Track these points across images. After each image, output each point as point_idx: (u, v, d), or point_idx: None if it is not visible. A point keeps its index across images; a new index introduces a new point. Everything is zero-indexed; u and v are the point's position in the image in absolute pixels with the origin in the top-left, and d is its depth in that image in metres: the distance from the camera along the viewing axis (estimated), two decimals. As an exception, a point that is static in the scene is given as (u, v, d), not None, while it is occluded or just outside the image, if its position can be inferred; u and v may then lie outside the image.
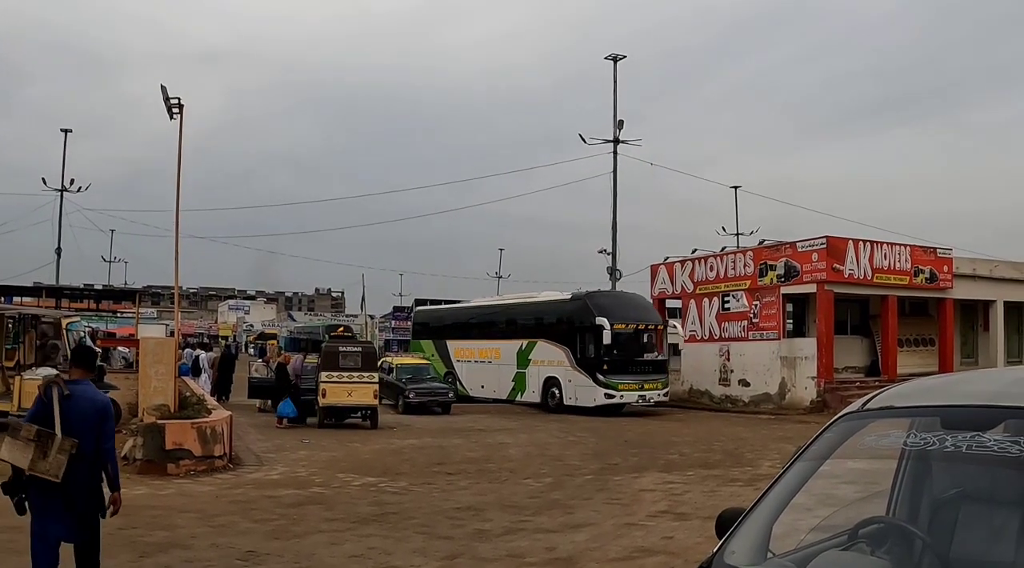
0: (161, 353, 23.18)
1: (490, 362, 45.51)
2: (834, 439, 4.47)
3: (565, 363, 40.63)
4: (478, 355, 46.68)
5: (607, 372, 38.91)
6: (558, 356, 41.02)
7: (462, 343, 48.16)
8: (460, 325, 49.88)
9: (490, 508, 16.15)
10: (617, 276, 54.84)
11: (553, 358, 41.29)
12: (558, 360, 40.99)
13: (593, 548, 12.97)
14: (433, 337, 50.83)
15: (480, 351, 46.56)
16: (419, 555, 12.41)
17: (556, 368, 41.12)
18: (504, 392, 44.10)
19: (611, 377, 38.87)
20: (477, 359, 46.66)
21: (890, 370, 41.64)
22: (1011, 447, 3.74)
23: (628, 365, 39.38)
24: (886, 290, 42.30)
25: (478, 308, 52.01)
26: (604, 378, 38.89)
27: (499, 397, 43.94)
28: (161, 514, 14.76)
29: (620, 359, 39.11)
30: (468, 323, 49.48)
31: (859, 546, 4.24)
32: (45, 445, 8.48)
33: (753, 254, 44.60)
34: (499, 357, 44.89)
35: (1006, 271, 48.16)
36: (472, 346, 47.34)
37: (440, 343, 49.63)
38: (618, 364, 39.06)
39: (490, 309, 50.38)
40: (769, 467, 20.99)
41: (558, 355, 41.03)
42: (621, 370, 39.13)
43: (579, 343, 40.37)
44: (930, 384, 4.74)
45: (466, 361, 47.21)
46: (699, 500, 17.13)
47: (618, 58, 56.30)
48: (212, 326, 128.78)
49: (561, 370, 40.89)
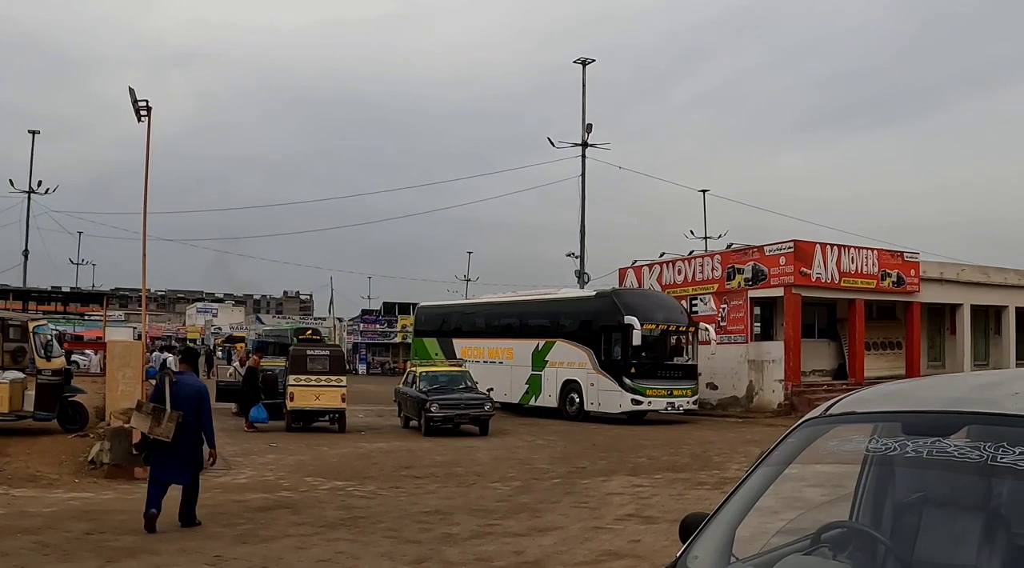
0: (128, 356, 23.08)
1: (501, 363, 42.25)
2: (796, 445, 4.50)
3: (587, 365, 37.77)
4: (487, 355, 43.13)
5: (635, 376, 36.25)
6: (579, 357, 38.25)
7: (470, 342, 44.24)
8: (468, 322, 46.39)
9: (458, 512, 16.15)
10: (585, 280, 54.73)
11: (574, 359, 38.45)
12: (579, 362, 38.18)
13: (560, 552, 12.99)
14: (438, 335, 47.17)
15: (490, 351, 43.22)
16: (387, 559, 12.41)
17: (577, 370, 38.22)
18: (516, 395, 41.08)
19: (639, 382, 36.20)
20: (486, 359, 42.81)
21: (857, 373, 41.93)
22: (971, 453, 3.78)
23: (657, 369, 36.86)
24: (853, 294, 42.57)
25: (489, 305, 47.88)
26: (632, 382, 36.19)
27: (510, 401, 40.76)
28: (129, 519, 14.69)
29: (649, 362, 36.70)
30: (477, 320, 45.93)
31: (821, 550, 4.27)
32: (159, 416, 13.76)
33: (721, 258, 44.77)
34: (512, 358, 41.80)
35: (973, 275, 48.51)
36: (481, 345, 43.73)
37: (445, 341, 46.05)
38: (647, 368, 36.52)
39: (503, 306, 46.31)
40: (736, 470, 21.05)
41: (579, 356, 38.26)
42: (650, 374, 36.51)
43: (604, 344, 37.58)
44: (892, 390, 4.78)
45: (474, 361, 41.57)
46: (667, 503, 17.18)
47: (587, 62, 56.34)
48: (180, 329, 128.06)
49: (582, 373, 37.98)
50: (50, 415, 24.82)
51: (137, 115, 23.99)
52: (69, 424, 24.83)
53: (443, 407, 30.55)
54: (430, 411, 30.48)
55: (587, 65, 56.42)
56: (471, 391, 32.32)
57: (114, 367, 22.84)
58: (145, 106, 23.89)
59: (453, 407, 30.74)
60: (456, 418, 30.70)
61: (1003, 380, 4.45)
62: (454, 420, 30.64)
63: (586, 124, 56.02)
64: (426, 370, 34.28)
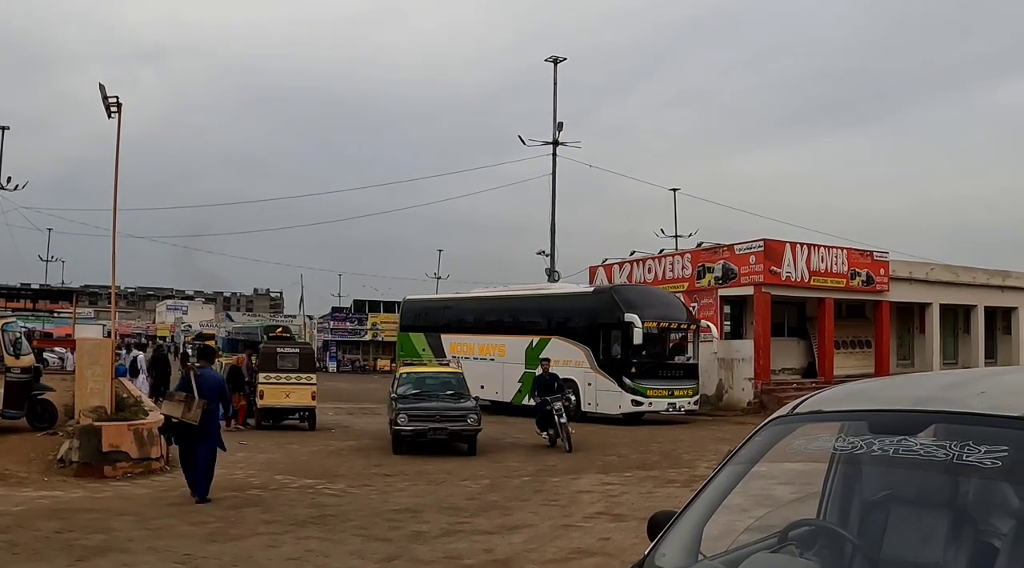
0: (98, 354, 22.98)
1: (492, 360, 40.17)
2: (764, 443, 4.51)
3: (585, 364, 36.15)
4: (478, 351, 41.18)
5: (635, 376, 34.93)
6: (576, 356, 36.48)
7: (459, 337, 42.58)
8: (458, 317, 44.27)
9: (428, 510, 16.16)
10: (555, 278, 54.73)
11: (570, 358, 36.28)
12: (576, 360, 36.35)
13: (530, 549, 13.02)
14: (425, 330, 45.17)
15: (481, 347, 41.33)
16: (357, 557, 12.41)
17: (574, 369, 35.95)
18: (508, 394, 39.26)
19: (640, 382, 34.90)
20: (477, 356, 40.75)
21: (827, 372, 42.09)
22: (937, 451, 3.80)
23: (658, 368, 35.62)
24: (823, 292, 42.76)
25: (480, 299, 46.10)
26: (632, 382, 34.87)
27: (502, 399, 38.99)
28: (98, 517, 14.66)
29: (650, 362, 35.34)
30: (468, 315, 44.01)
31: (789, 548, 4.29)
32: (190, 403, 16.40)
33: (691, 256, 44.92)
34: (504, 355, 39.90)
35: (942, 274, 48.79)
36: (471, 341, 42.00)
37: (433, 336, 44.09)
38: (647, 367, 35.19)
39: (495, 301, 44.60)
40: (706, 468, 21.09)
41: (576, 355, 36.51)
42: (651, 374, 35.23)
43: (602, 342, 36.12)
44: (859, 388, 4.80)
45: (464, 358, 39.30)
46: (636, 501, 17.23)
47: (558, 60, 56.53)
48: (150, 326, 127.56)
49: (579, 372, 36.13)
50: (19, 413, 24.66)
51: (107, 112, 23.89)
52: (38, 422, 24.66)
53: (413, 419, 24.63)
54: (396, 423, 24.76)
55: (558, 63, 56.60)
56: (458, 399, 26.19)
57: (83, 365, 22.71)
58: (115, 103, 23.79)
59: (426, 418, 24.72)
60: (429, 433, 24.57)
61: (969, 379, 4.47)
62: (427, 435, 24.60)
63: (557, 122, 56.22)
64: (408, 371, 29.38)
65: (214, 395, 16.97)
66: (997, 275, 51.75)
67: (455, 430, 24.94)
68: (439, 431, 24.68)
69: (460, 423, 24.95)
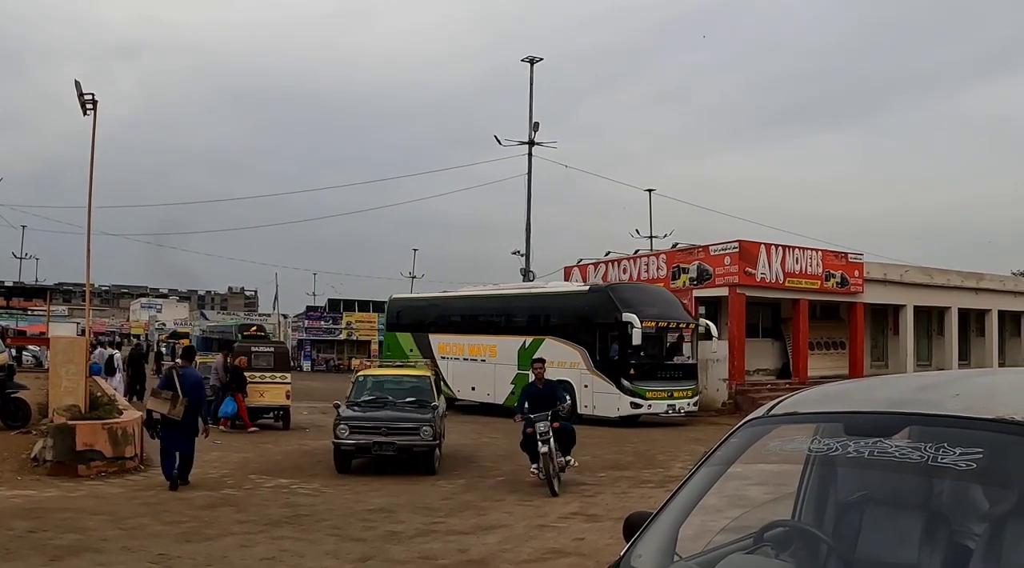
0: (72, 352, 22.89)
1: (483, 361, 39.16)
2: (739, 444, 4.54)
3: (580, 365, 34.93)
4: (468, 352, 40.17)
5: (634, 377, 33.75)
6: (571, 357, 35.14)
7: (448, 338, 41.56)
8: (447, 317, 42.94)
9: (402, 510, 16.16)
10: (530, 277, 54.69)
11: (565, 359, 34.67)
12: (571, 361, 34.95)
13: (505, 549, 13.03)
14: (413, 330, 43.82)
15: (471, 347, 40.08)
16: (331, 557, 12.41)
17: (569, 371, 34.28)
18: (501, 396, 37.86)
19: (638, 383, 33.74)
20: (467, 356, 40.10)
21: (801, 373, 42.20)
22: (912, 453, 3.82)
23: (657, 369, 34.48)
24: (798, 294, 42.82)
25: (470, 298, 44.52)
26: (630, 384, 33.67)
27: (494, 401, 38.01)
28: (72, 516, 14.62)
29: (648, 362, 34.24)
30: (457, 315, 42.68)
31: (764, 549, 4.32)
32: (175, 401, 17.77)
33: (666, 257, 44.91)
34: (495, 355, 38.62)
35: (916, 276, 49.00)
36: (462, 341, 40.82)
37: (420, 337, 42.84)
38: (646, 368, 34.07)
39: (485, 300, 43.20)
40: (680, 468, 21.17)
41: (571, 356, 35.15)
42: (649, 375, 34.09)
43: (599, 342, 34.87)
44: (834, 390, 4.82)
45: (453, 358, 40.24)
46: (610, 501, 17.27)
47: (535, 61, 56.49)
48: (124, 324, 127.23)
49: (575, 373, 34.74)
50: (-9, 412, 24.61)
51: (83, 108, 23.82)
52: (11, 421, 24.60)
53: (356, 431, 20.87)
54: (335, 436, 21.09)
55: (535, 63, 56.58)
56: (418, 408, 21.87)
57: (57, 363, 22.62)
58: (91, 99, 23.72)
59: (370, 431, 20.89)
60: (374, 448, 20.83)
61: (944, 381, 4.49)
62: (371, 450, 20.94)
63: (533, 122, 56.14)
64: (366, 373, 25.22)
65: (195, 393, 18.44)
66: (971, 277, 52.01)
67: (404, 445, 20.71)
68: (386, 446, 20.69)
69: (410, 437, 20.63)
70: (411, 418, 21.19)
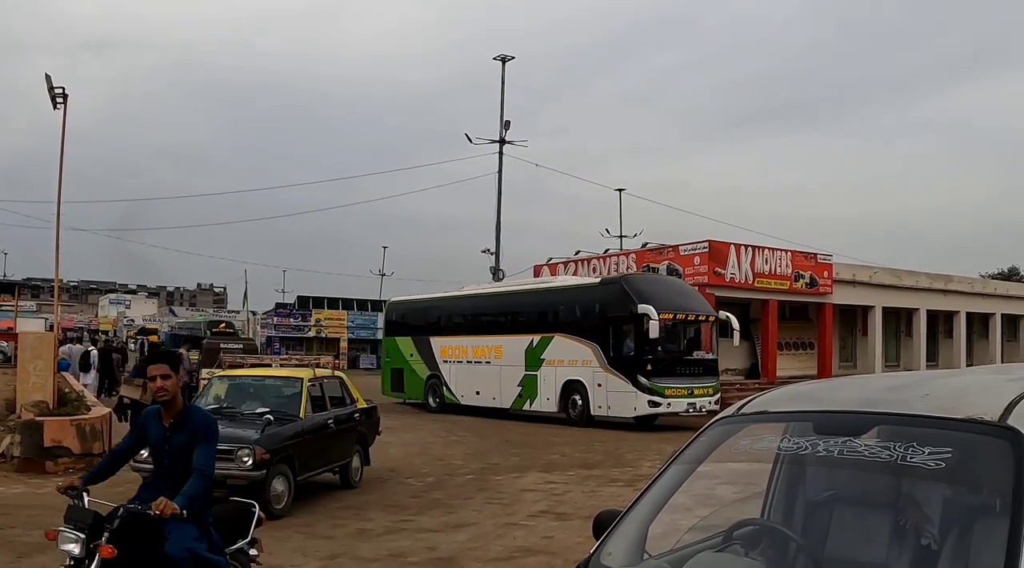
0: (40, 348, 22.78)
1: (488, 362, 37.11)
2: (709, 443, 4.55)
3: (593, 363, 32.64)
4: (471, 354, 38.04)
5: (651, 374, 31.20)
6: (583, 354, 33.04)
7: (450, 340, 39.27)
8: (448, 318, 40.50)
9: (371, 507, 16.12)
10: (500, 276, 54.65)
11: (576, 357, 33.25)
12: (583, 359, 32.99)
13: (474, 548, 13.01)
14: (413, 333, 41.49)
15: (475, 349, 37.91)
16: (300, 555, 12.36)
17: (580, 369, 33.04)
18: (507, 399, 36.02)
19: (656, 380, 31.18)
20: (470, 359, 38.04)
21: (770, 373, 42.41)
22: (881, 452, 3.84)
23: (676, 365, 31.98)
24: (767, 294, 43.00)
25: (472, 297, 41.56)
26: (647, 381, 31.12)
27: (500, 405, 36.18)
28: (40, 513, 14.49)
29: (666, 358, 31.70)
30: (459, 315, 40.22)
31: (733, 547, 4.32)
32: (145, 387, 17.02)
33: (636, 256, 45.00)
34: (500, 356, 36.49)
35: (885, 277, 49.30)
36: (464, 343, 38.52)
37: (421, 340, 40.69)
38: (664, 364, 31.53)
39: (489, 298, 40.61)
40: (649, 467, 21.17)
41: (583, 353, 33.04)
42: (668, 372, 31.56)
43: (613, 338, 32.40)
44: (804, 390, 4.84)
45: (456, 361, 38.55)
46: (579, 500, 17.25)
47: (506, 59, 56.48)
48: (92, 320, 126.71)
49: (587, 371, 32.81)
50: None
51: (53, 102, 23.75)
52: (-23, 417, 24.48)
53: None
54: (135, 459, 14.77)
55: (507, 62, 56.56)
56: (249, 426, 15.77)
57: (25, 359, 22.49)
58: (61, 93, 23.64)
59: None
60: None
61: (913, 382, 4.52)
62: None
63: (504, 121, 56.13)
64: (224, 374, 20.44)
65: None
66: (940, 279, 52.39)
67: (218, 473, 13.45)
68: None
69: (225, 464, 13.98)
70: (230, 438, 14.76)
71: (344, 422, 17.96)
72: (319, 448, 16.80)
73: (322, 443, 16.92)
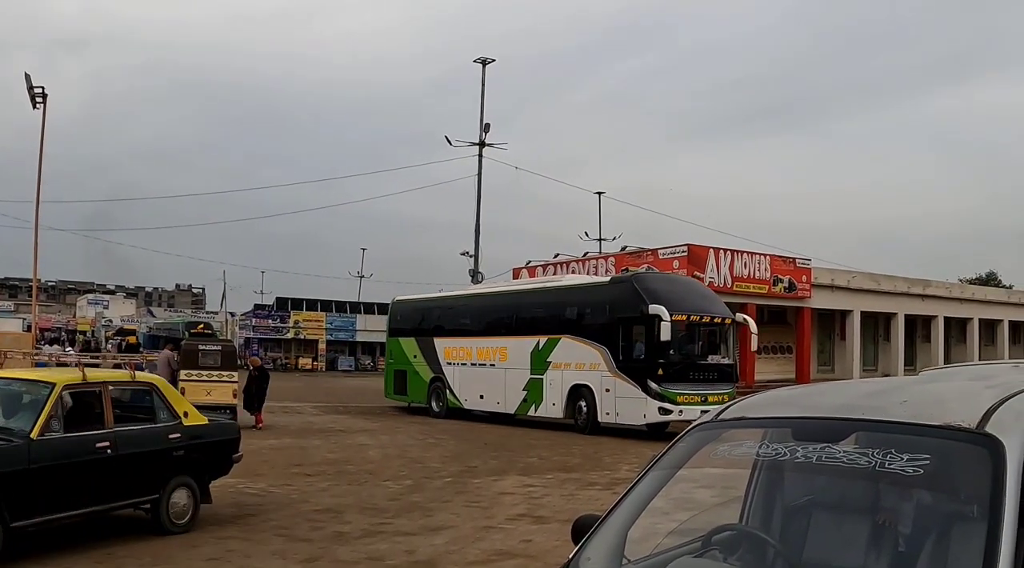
0: (18, 347, 22.69)
1: (492, 365, 35.72)
2: (687, 449, 4.57)
3: (601, 367, 30.97)
4: (476, 356, 36.65)
5: (663, 379, 29.35)
6: (591, 358, 31.45)
7: (454, 341, 37.99)
8: (453, 319, 39.14)
9: (349, 510, 16.10)
10: (479, 279, 54.61)
11: (584, 359, 31.72)
12: (591, 362, 31.40)
13: (452, 551, 13.00)
14: (416, 334, 40.14)
15: (479, 351, 36.51)
16: (278, 558, 12.35)
17: (588, 373, 31.47)
18: (512, 404, 34.64)
19: (667, 386, 29.31)
20: (474, 361, 36.69)
21: (748, 377, 42.34)
22: (860, 458, 3.85)
23: (689, 370, 30.07)
24: (746, 298, 43.07)
25: (477, 297, 40.70)
26: (659, 387, 29.30)
27: (505, 410, 34.97)
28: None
29: (679, 362, 29.81)
30: (463, 316, 38.87)
31: (712, 552, 4.34)
32: None
33: (615, 260, 45.19)
34: (505, 358, 35.12)
35: (863, 282, 49.54)
36: (468, 344, 37.17)
37: (425, 341, 39.40)
38: (677, 369, 29.65)
39: (494, 298, 39.23)
40: (627, 471, 21.21)
41: (591, 356, 31.44)
42: (681, 377, 29.68)
43: (622, 340, 30.69)
44: (783, 395, 4.85)
45: (459, 363, 37.27)
46: (558, 503, 17.25)
47: (486, 62, 56.53)
48: (71, 320, 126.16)
49: (595, 375, 31.20)
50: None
51: (32, 102, 23.68)
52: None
53: None
54: None
55: (487, 65, 56.58)
56: None
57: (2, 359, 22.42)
58: (41, 93, 23.58)
59: None
60: None
61: (892, 388, 4.54)
62: None
63: (484, 124, 56.13)
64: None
65: None
66: (918, 284, 52.65)
67: None
68: None
69: None
70: None
71: (142, 444, 13.48)
72: (67, 481, 12.31)
73: (76, 474, 12.44)
